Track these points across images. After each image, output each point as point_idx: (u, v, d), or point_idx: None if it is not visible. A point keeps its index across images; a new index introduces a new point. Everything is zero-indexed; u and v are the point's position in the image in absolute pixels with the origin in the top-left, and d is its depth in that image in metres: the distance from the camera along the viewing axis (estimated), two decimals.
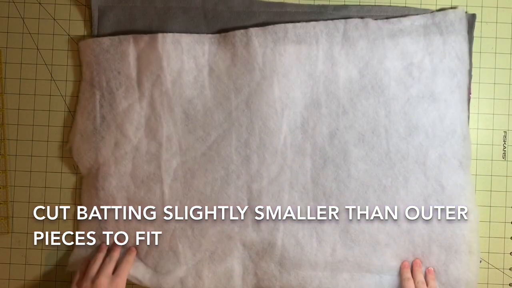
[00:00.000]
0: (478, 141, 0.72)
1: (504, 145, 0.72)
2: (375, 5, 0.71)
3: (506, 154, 0.72)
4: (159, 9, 0.71)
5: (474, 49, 0.71)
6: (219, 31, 0.70)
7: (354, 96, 0.69)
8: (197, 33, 0.70)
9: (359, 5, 0.71)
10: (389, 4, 0.72)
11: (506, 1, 0.72)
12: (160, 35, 0.68)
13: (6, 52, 0.72)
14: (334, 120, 0.69)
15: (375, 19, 0.69)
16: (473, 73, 0.71)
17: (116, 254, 0.68)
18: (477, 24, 0.71)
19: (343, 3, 0.72)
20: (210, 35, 0.70)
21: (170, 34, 0.69)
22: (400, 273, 0.68)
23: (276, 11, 0.71)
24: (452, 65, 0.69)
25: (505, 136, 0.72)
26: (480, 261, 0.71)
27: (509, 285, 0.72)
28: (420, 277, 0.67)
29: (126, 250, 0.69)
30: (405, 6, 0.71)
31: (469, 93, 0.71)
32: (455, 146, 0.69)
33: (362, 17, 0.70)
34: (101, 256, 0.67)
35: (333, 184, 0.69)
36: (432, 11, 0.70)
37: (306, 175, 0.69)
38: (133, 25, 0.70)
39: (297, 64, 0.69)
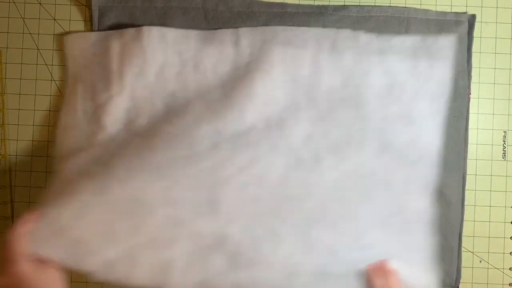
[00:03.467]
0: (478, 141, 0.72)
1: (504, 145, 0.72)
2: (375, 6, 0.71)
3: (506, 154, 0.72)
4: (159, 9, 0.71)
5: (474, 49, 0.71)
6: None
7: (334, 105, 0.67)
8: None
9: (359, 5, 0.71)
10: (389, 5, 0.72)
11: (506, 1, 0.72)
12: (145, 28, 0.67)
13: (6, 52, 0.72)
14: (310, 126, 0.67)
15: (367, 32, 0.68)
16: (473, 73, 0.71)
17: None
18: (477, 24, 0.71)
19: (343, 3, 0.72)
20: (196, 31, 0.69)
21: (155, 28, 0.67)
22: (367, 276, 0.62)
23: (276, 11, 0.70)
24: (434, 90, 0.67)
25: (505, 136, 0.72)
26: (480, 261, 0.71)
27: (509, 285, 0.72)
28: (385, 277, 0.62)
29: None
30: (405, 7, 0.72)
31: (469, 93, 0.71)
32: (423, 171, 0.67)
33: (362, 17, 0.70)
34: None
35: (300, 188, 0.66)
36: (423, 35, 0.68)
37: (274, 174, 0.65)
38: (134, 25, 0.70)
39: (282, 65, 0.67)
